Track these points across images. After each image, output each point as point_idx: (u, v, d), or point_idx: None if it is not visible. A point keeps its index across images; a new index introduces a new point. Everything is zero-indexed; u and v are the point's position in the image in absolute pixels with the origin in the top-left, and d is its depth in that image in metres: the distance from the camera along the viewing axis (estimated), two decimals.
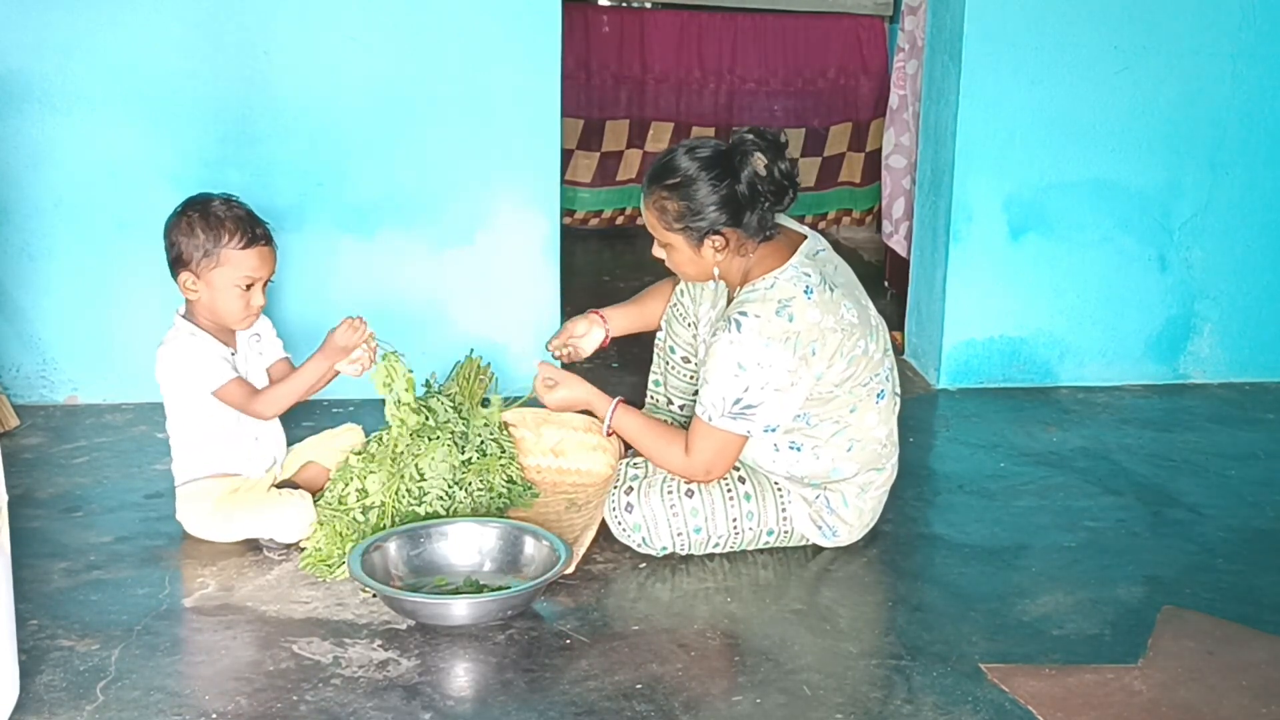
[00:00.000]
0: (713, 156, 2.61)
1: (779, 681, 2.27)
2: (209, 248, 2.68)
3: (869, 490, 2.78)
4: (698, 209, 2.60)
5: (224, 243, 2.68)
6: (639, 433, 2.77)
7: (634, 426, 2.78)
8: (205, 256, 2.68)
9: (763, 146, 2.58)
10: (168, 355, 2.75)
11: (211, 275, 2.70)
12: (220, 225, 2.69)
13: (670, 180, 2.62)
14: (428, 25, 3.54)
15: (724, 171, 2.59)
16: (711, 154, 2.61)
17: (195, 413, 2.75)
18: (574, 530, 2.79)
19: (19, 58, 3.37)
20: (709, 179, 2.58)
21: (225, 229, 2.69)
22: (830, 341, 2.60)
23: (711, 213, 2.59)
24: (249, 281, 2.72)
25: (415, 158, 3.61)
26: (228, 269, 2.69)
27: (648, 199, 2.67)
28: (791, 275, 2.61)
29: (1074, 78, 3.87)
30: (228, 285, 2.70)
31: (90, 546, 2.72)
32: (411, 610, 2.41)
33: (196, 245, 2.68)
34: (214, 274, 2.69)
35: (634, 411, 2.82)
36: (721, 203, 2.59)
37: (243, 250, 2.70)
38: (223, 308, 2.73)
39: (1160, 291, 4.08)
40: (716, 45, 5.98)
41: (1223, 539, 2.96)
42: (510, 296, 3.75)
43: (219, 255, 2.68)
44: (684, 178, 2.60)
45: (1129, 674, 2.34)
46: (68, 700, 2.13)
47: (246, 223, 2.72)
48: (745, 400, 2.58)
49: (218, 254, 2.68)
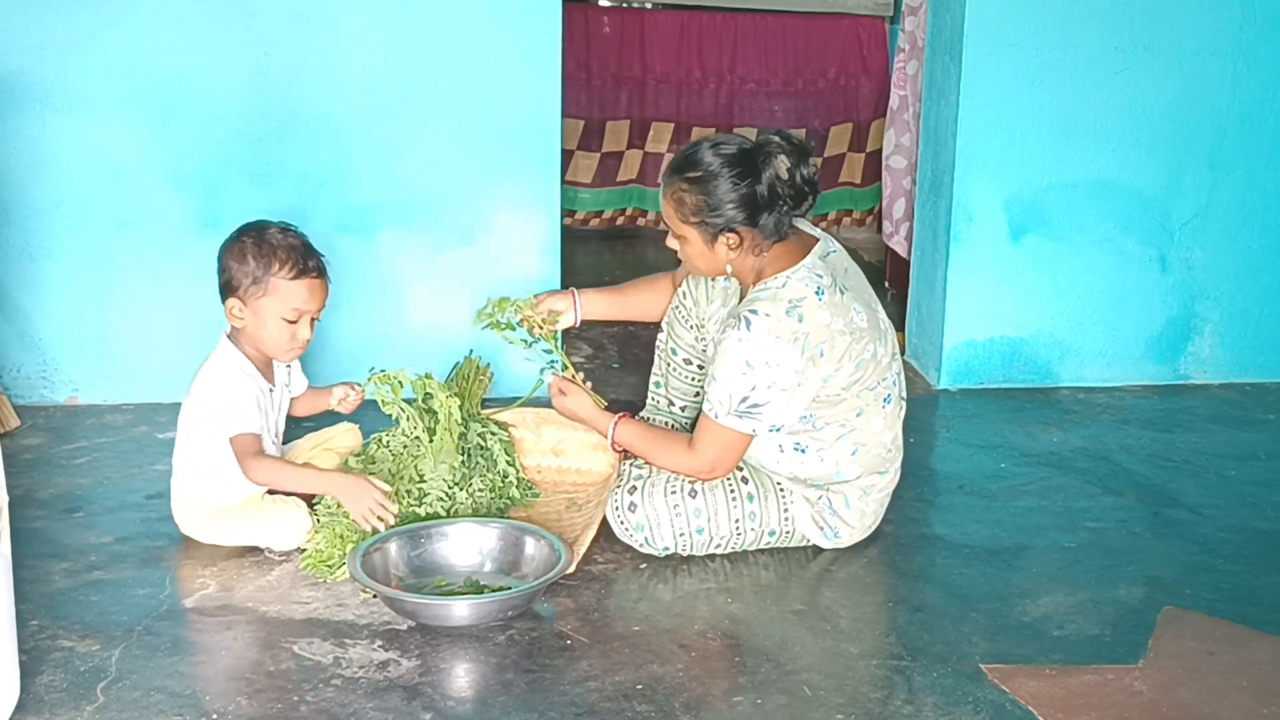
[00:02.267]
0: (737, 155, 2.60)
1: (779, 682, 2.27)
2: (258, 275, 2.62)
3: (871, 493, 2.78)
4: (716, 205, 2.60)
5: (274, 271, 2.62)
6: (641, 441, 2.79)
7: (637, 436, 2.79)
8: (254, 284, 2.62)
9: (787, 150, 2.58)
10: (214, 384, 2.67)
11: (259, 304, 2.64)
12: (272, 253, 2.63)
13: (692, 173, 2.62)
14: (428, 26, 3.54)
15: (746, 170, 2.58)
16: (736, 152, 2.61)
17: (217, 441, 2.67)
18: (574, 530, 2.79)
19: (19, 58, 3.37)
20: (730, 176, 2.58)
21: (277, 257, 2.63)
22: (839, 344, 2.59)
23: (729, 210, 2.59)
24: (296, 314, 2.66)
25: (416, 158, 3.61)
26: (275, 299, 2.63)
27: (666, 189, 2.66)
28: (803, 276, 2.61)
29: (1074, 78, 3.87)
30: (274, 316, 2.64)
31: (91, 547, 2.72)
32: (412, 611, 2.41)
33: (246, 272, 2.62)
34: (261, 303, 2.63)
35: (634, 423, 2.83)
36: (740, 202, 2.58)
37: (292, 281, 2.64)
38: (268, 338, 2.67)
39: (1161, 292, 4.08)
40: (717, 46, 5.98)
41: (1223, 539, 2.96)
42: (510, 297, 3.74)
43: (268, 284, 2.62)
44: (706, 172, 2.60)
45: (1129, 674, 2.34)
46: (68, 700, 2.13)
47: (300, 253, 2.66)
48: (752, 399, 2.58)
49: (266, 282, 2.62)
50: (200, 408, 2.69)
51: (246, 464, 2.64)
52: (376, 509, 2.61)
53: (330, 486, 2.67)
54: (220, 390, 2.66)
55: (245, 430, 2.64)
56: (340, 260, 3.62)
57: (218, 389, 2.67)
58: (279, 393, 2.80)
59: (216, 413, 2.66)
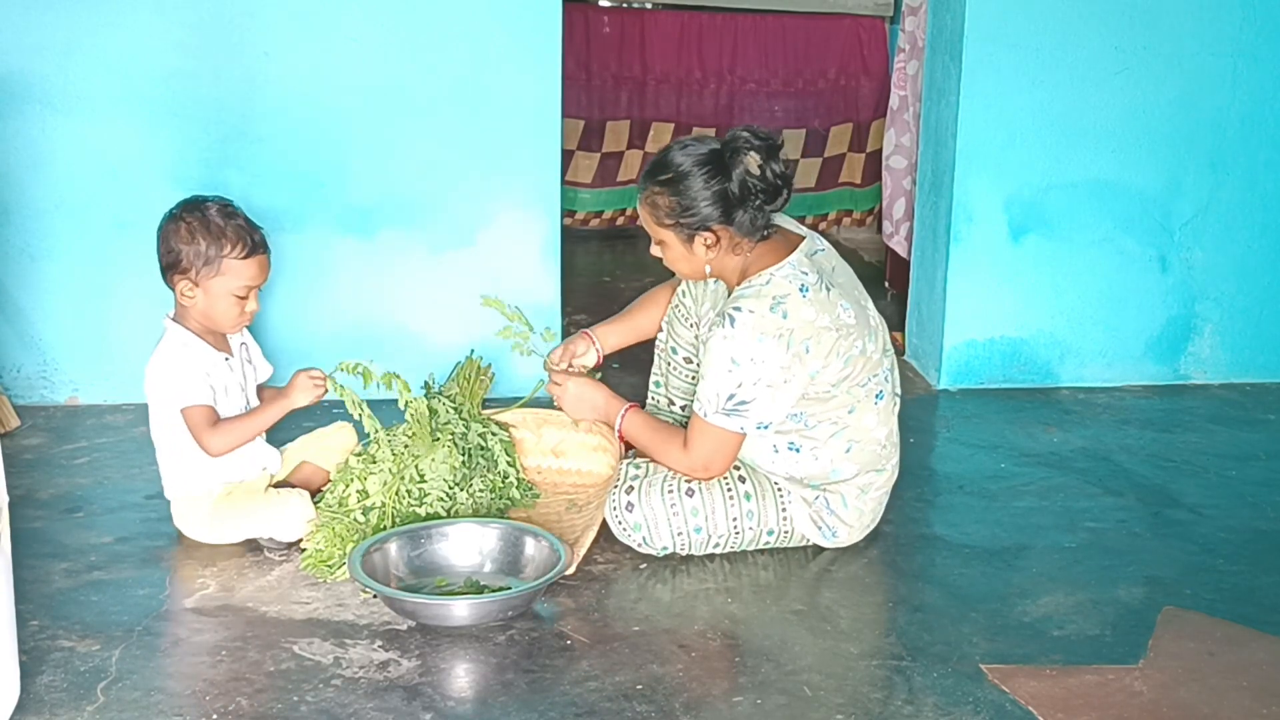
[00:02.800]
0: (706, 154, 2.62)
1: (779, 682, 2.27)
2: (210, 256, 2.65)
3: (869, 491, 2.78)
4: (689, 205, 2.60)
5: (225, 252, 2.65)
6: (643, 433, 2.80)
7: (640, 429, 2.81)
8: (206, 265, 2.65)
9: (756, 145, 2.59)
10: (156, 364, 2.71)
11: (211, 283, 2.66)
12: (222, 234, 2.66)
13: (663, 176, 2.63)
14: (428, 26, 3.54)
15: (716, 169, 2.59)
16: (705, 152, 2.62)
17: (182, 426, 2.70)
18: (574, 531, 2.79)
19: (19, 58, 3.37)
20: (701, 175, 2.59)
21: (227, 238, 2.66)
22: (825, 340, 2.60)
23: (703, 209, 2.60)
24: (247, 290, 2.70)
25: (416, 158, 3.62)
26: (228, 278, 2.67)
27: (641, 195, 2.68)
28: (788, 273, 2.61)
29: (1074, 78, 3.87)
30: (226, 294, 2.68)
31: (91, 547, 2.72)
32: (412, 611, 2.41)
33: (198, 253, 2.65)
34: (213, 282, 2.66)
35: (641, 415, 2.84)
36: (713, 200, 2.59)
37: (244, 260, 2.67)
38: (219, 315, 2.70)
39: (1161, 292, 4.08)
40: (717, 46, 5.98)
41: (1223, 540, 2.96)
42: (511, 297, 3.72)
43: (220, 264, 2.65)
44: (676, 173, 2.61)
45: (1129, 675, 2.34)
46: (68, 701, 2.13)
47: (246, 231, 2.69)
48: (739, 396, 2.58)
49: (219, 263, 2.65)
50: (157, 393, 2.71)
51: (201, 437, 2.65)
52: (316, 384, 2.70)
53: (282, 406, 2.72)
54: (165, 369, 2.69)
55: (195, 402, 2.65)
56: (340, 260, 3.63)
57: (163, 369, 2.69)
58: (237, 362, 2.80)
59: (167, 391, 2.68)
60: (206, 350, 2.72)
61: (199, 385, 2.67)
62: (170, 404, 2.68)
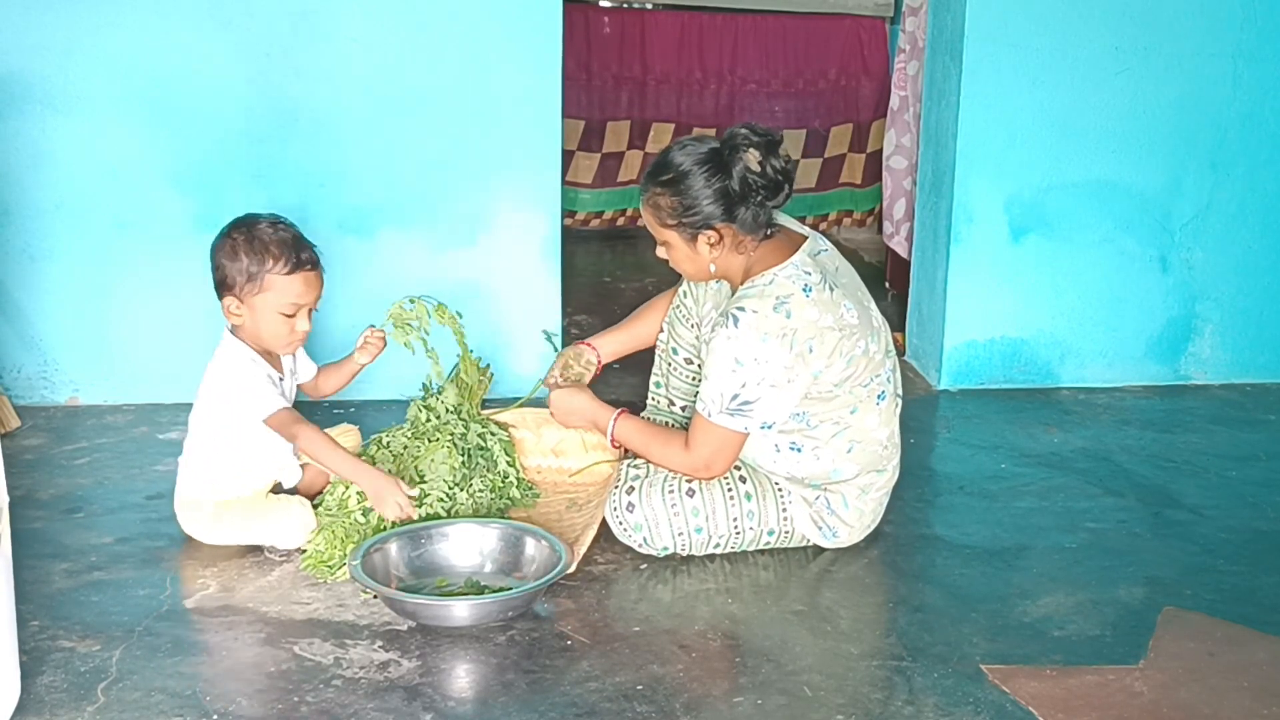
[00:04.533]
0: (706, 153, 2.62)
1: (780, 682, 2.27)
2: (253, 272, 2.61)
3: (870, 492, 2.78)
4: (691, 204, 2.60)
5: (268, 267, 2.61)
6: (638, 437, 2.79)
7: (635, 433, 2.79)
8: (249, 281, 2.62)
9: (755, 142, 2.59)
10: (225, 376, 2.67)
11: (255, 300, 2.63)
12: (265, 249, 2.62)
13: (664, 176, 2.63)
14: (428, 26, 3.54)
15: (716, 167, 2.59)
16: (705, 150, 2.63)
17: (235, 435, 2.69)
18: (575, 530, 2.79)
19: (20, 59, 3.37)
20: (701, 174, 2.59)
21: (270, 253, 2.62)
22: (828, 340, 2.60)
23: (706, 207, 2.60)
24: (294, 308, 2.65)
25: (416, 159, 3.62)
26: (271, 294, 2.63)
27: (644, 196, 2.69)
28: (791, 273, 2.61)
29: (1075, 79, 3.87)
30: (271, 311, 2.64)
31: (91, 547, 2.72)
32: (412, 611, 2.41)
33: (240, 269, 2.61)
34: (258, 299, 2.63)
35: (634, 419, 2.83)
36: (714, 197, 2.59)
37: (287, 276, 2.63)
38: (267, 333, 2.67)
39: (1161, 292, 4.08)
40: (717, 46, 5.98)
41: (1224, 540, 2.96)
42: (511, 298, 3.75)
43: (262, 280, 2.62)
44: (677, 173, 2.61)
45: (1130, 675, 2.34)
46: (69, 701, 2.13)
47: (292, 247, 2.65)
48: (742, 396, 2.58)
49: (261, 279, 2.62)
50: (220, 402, 2.69)
51: (295, 432, 2.64)
52: (399, 512, 2.63)
53: (361, 479, 2.66)
54: (238, 380, 2.66)
55: (276, 408, 2.65)
56: (340, 260, 3.63)
57: (235, 380, 2.66)
58: (288, 381, 2.80)
59: (242, 402, 2.65)
60: (266, 367, 2.70)
61: (272, 393, 2.65)
62: (248, 414, 2.65)
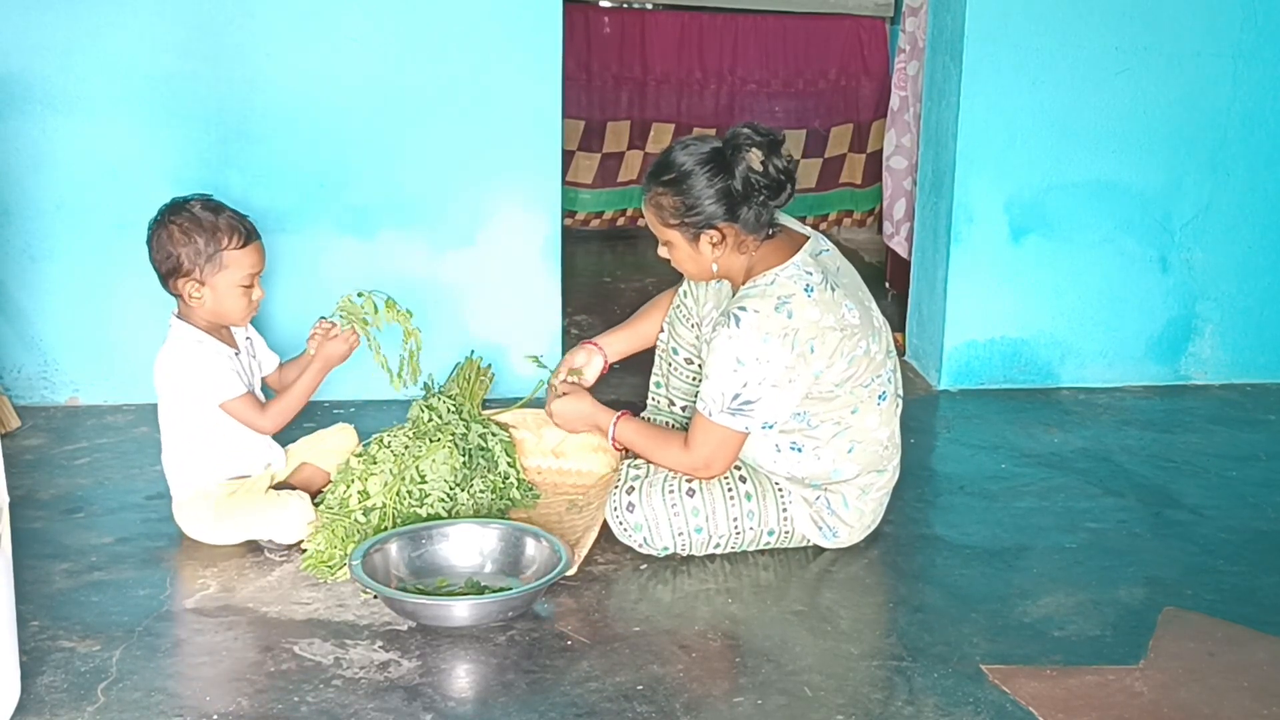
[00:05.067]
0: (708, 152, 2.62)
1: (780, 683, 2.27)
2: (210, 252, 2.67)
3: (870, 492, 2.78)
4: (693, 204, 2.60)
5: (224, 245, 2.68)
6: (640, 439, 2.79)
7: (635, 434, 2.80)
8: (208, 262, 2.68)
9: (758, 141, 2.59)
10: (173, 362, 2.73)
11: (216, 279, 2.69)
12: (215, 229, 2.68)
13: (666, 176, 2.63)
14: (428, 26, 3.54)
15: (718, 166, 2.59)
16: (707, 150, 2.63)
17: (199, 421, 2.73)
18: (575, 531, 2.79)
19: (20, 59, 3.37)
20: (704, 174, 2.59)
21: (221, 231, 2.69)
22: (829, 340, 2.60)
23: (708, 206, 2.60)
24: (250, 279, 2.73)
25: (416, 159, 3.62)
26: (231, 270, 2.69)
27: (646, 196, 2.69)
28: (793, 273, 2.61)
29: (1075, 79, 3.87)
30: (232, 286, 2.70)
31: (91, 547, 2.72)
32: (412, 612, 2.41)
33: (197, 252, 2.67)
34: (218, 277, 2.69)
35: (635, 420, 2.83)
36: (717, 197, 2.59)
37: (242, 249, 2.70)
38: (228, 308, 2.73)
39: (1161, 293, 4.08)
40: (717, 46, 5.98)
41: (1224, 540, 2.96)
42: (511, 298, 3.75)
43: (221, 259, 2.68)
44: (679, 173, 2.61)
45: (1130, 675, 2.34)
46: (69, 701, 2.13)
47: (238, 222, 2.72)
48: (744, 396, 2.58)
49: (220, 258, 2.68)
50: (176, 392, 2.73)
51: (253, 419, 2.73)
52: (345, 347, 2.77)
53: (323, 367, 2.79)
54: (189, 367, 2.71)
55: (233, 394, 2.71)
56: (340, 260, 3.63)
57: (186, 367, 2.71)
58: (245, 358, 2.82)
59: (196, 389, 2.70)
60: (218, 346, 2.74)
61: (229, 377, 2.71)
62: (198, 402, 2.71)
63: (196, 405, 2.72)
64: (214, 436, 2.74)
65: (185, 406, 2.74)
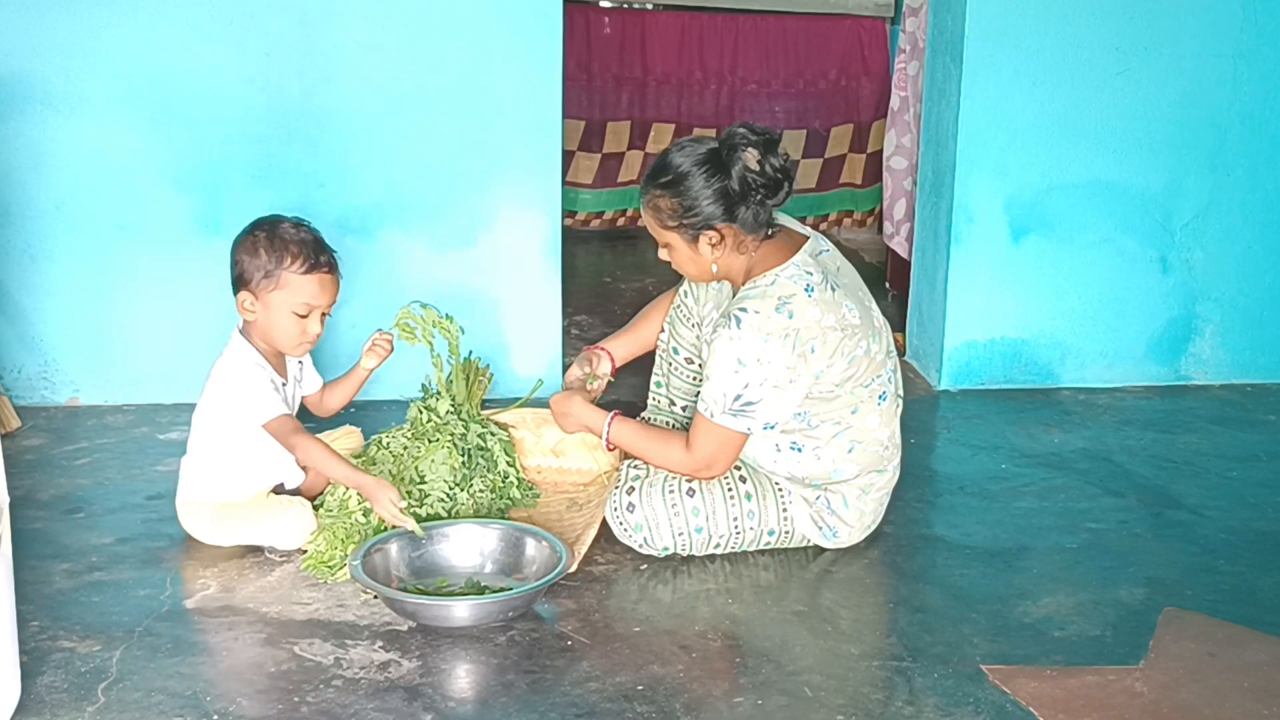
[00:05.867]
0: (705, 153, 2.62)
1: (780, 683, 2.27)
2: (270, 269, 2.64)
3: (870, 492, 2.78)
4: (691, 205, 2.60)
5: (285, 265, 2.65)
6: (637, 440, 2.78)
7: (632, 435, 2.79)
8: (265, 277, 2.64)
9: (754, 141, 2.59)
10: (230, 378, 2.68)
11: (270, 297, 2.66)
12: (284, 247, 2.65)
13: (663, 178, 2.63)
14: (429, 26, 3.54)
15: (715, 167, 2.59)
16: (704, 151, 2.63)
17: (236, 437, 2.70)
18: (575, 530, 2.79)
19: (21, 59, 3.37)
20: (701, 174, 2.59)
21: (289, 251, 2.65)
22: (830, 340, 2.60)
23: (706, 207, 2.60)
24: (307, 309, 2.68)
25: (417, 159, 3.62)
26: (286, 292, 2.65)
27: (644, 199, 2.69)
28: (793, 273, 2.61)
29: (1075, 79, 3.87)
30: (284, 309, 2.66)
31: (92, 548, 2.72)
32: (413, 612, 2.41)
33: (258, 265, 2.64)
34: (272, 296, 2.66)
35: (629, 421, 2.83)
36: (714, 198, 2.59)
37: (303, 275, 2.66)
38: (278, 332, 2.69)
39: (1162, 293, 4.08)
40: (718, 47, 5.98)
41: (1224, 540, 2.96)
42: (511, 298, 3.75)
43: (279, 277, 2.65)
44: (676, 175, 2.61)
45: (1130, 675, 2.34)
46: (69, 701, 2.14)
47: (312, 247, 2.68)
48: (745, 397, 2.58)
49: (278, 276, 2.65)
50: (222, 402, 2.70)
51: (293, 442, 2.65)
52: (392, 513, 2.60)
53: (361, 484, 2.64)
54: (241, 382, 2.67)
55: (276, 413, 2.66)
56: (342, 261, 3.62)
57: (238, 382, 2.67)
58: (291, 387, 2.80)
59: (243, 405, 2.66)
60: (270, 371, 2.71)
61: (275, 399, 2.66)
62: (248, 417, 2.66)
63: (239, 421, 2.67)
64: (246, 453, 2.72)
65: (227, 419, 2.70)
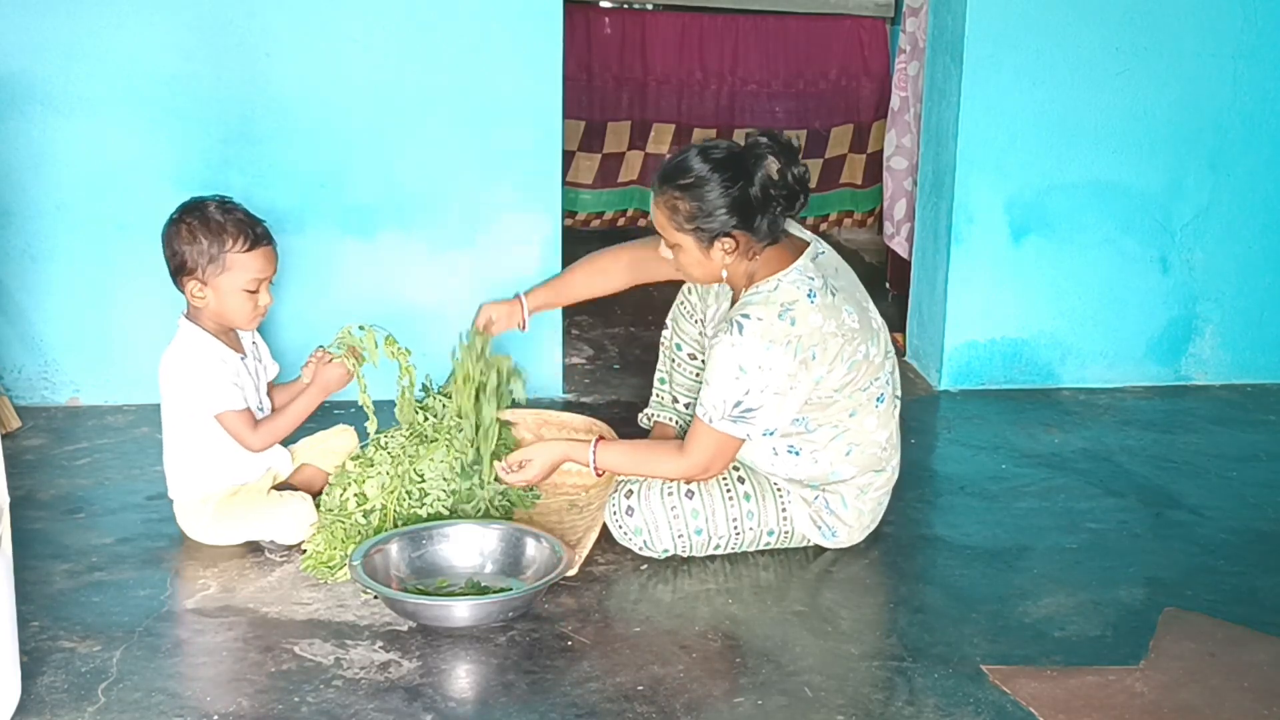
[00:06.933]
0: (726, 159, 2.60)
1: (780, 683, 2.27)
2: (214, 254, 2.66)
3: (869, 492, 2.78)
4: (709, 210, 2.59)
5: (228, 247, 2.67)
6: (625, 457, 2.75)
7: (619, 454, 2.76)
8: (210, 263, 2.66)
9: (776, 150, 2.58)
10: (175, 364, 2.72)
11: (219, 281, 2.68)
12: (222, 230, 2.67)
13: (683, 180, 2.61)
14: (429, 26, 3.54)
15: (737, 174, 2.58)
16: (725, 156, 2.60)
17: (200, 426, 2.72)
18: (576, 532, 2.79)
19: (21, 59, 3.37)
20: (721, 181, 2.57)
21: (227, 233, 2.67)
22: (831, 346, 2.59)
23: (722, 215, 2.59)
24: (256, 284, 2.71)
25: (416, 159, 3.62)
26: (235, 273, 2.68)
27: (659, 198, 2.65)
28: (795, 279, 2.61)
29: (1075, 79, 3.87)
30: (236, 290, 2.69)
31: (92, 548, 2.72)
32: (413, 612, 2.41)
33: (200, 252, 2.66)
34: (221, 279, 2.68)
35: (612, 442, 2.82)
36: (733, 205, 2.58)
37: (247, 253, 2.68)
38: (232, 312, 2.71)
39: (1162, 293, 4.08)
40: (718, 47, 5.98)
41: (1224, 541, 2.96)
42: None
43: (224, 260, 2.67)
44: (696, 178, 2.60)
45: (1130, 675, 2.34)
46: (69, 701, 2.14)
47: (247, 225, 2.70)
48: (745, 403, 2.58)
49: (222, 259, 2.66)
50: (177, 394, 2.72)
51: (243, 438, 2.70)
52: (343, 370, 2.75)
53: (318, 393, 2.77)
54: (191, 371, 2.70)
55: (229, 407, 2.69)
56: (341, 261, 3.63)
57: (189, 371, 2.70)
58: (250, 361, 2.82)
59: (195, 394, 2.69)
60: (224, 350, 2.73)
61: (228, 389, 2.69)
62: (196, 407, 2.70)
63: (195, 410, 2.71)
64: (215, 441, 2.73)
65: (185, 410, 2.73)
